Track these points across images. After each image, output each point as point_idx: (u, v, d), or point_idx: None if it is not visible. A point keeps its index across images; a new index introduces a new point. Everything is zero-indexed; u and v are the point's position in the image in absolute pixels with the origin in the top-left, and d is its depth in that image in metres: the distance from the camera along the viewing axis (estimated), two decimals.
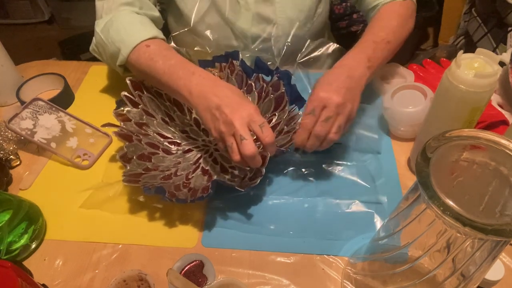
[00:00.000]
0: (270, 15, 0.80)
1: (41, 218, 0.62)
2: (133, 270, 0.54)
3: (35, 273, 0.57)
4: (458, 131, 0.39)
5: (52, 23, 2.36)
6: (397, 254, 0.43)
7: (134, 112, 0.69)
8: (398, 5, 0.74)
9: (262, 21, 0.81)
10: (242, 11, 0.80)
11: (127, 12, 0.70)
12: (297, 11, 0.81)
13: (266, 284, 0.56)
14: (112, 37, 0.68)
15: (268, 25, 0.82)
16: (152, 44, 0.66)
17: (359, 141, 0.71)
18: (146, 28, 0.68)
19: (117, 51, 0.67)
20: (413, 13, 0.76)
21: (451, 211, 0.33)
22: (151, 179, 0.62)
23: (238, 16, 0.80)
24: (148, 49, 0.65)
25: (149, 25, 0.70)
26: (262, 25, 0.82)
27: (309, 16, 0.83)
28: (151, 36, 0.67)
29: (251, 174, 0.62)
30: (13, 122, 0.70)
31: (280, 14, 0.81)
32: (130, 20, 0.69)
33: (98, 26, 0.70)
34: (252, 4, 0.80)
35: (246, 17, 0.80)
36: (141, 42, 0.66)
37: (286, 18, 0.81)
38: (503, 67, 0.77)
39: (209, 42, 0.82)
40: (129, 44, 0.66)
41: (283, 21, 0.81)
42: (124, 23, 0.68)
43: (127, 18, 0.69)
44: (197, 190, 0.61)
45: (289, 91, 0.69)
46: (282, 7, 0.80)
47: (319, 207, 0.64)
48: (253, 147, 0.54)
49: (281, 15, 0.81)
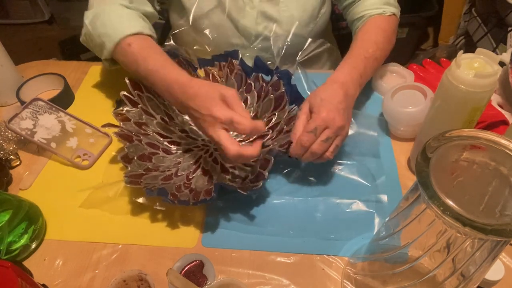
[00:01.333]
0: (274, 14, 0.81)
1: (41, 218, 0.62)
2: (133, 270, 0.54)
3: (35, 273, 0.57)
4: (458, 131, 0.39)
5: (52, 23, 2.36)
6: (397, 254, 0.43)
7: (133, 112, 0.69)
8: (383, 20, 0.74)
9: (266, 19, 0.81)
10: (247, 10, 0.80)
11: (117, 5, 0.70)
12: (301, 10, 0.81)
13: (266, 284, 0.56)
14: (99, 30, 0.68)
15: (272, 24, 0.82)
16: (135, 42, 0.66)
17: (359, 140, 0.71)
18: (131, 23, 0.68)
19: (102, 44, 0.68)
20: (396, 30, 0.77)
21: (451, 211, 0.33)
22: (152, 180, 0.62)
23: (243, 14, 0.80)
24: (129, 48, 0.65)
25: (136, 20, 0.69)
26: (266, 23, 0.82)
27: (312, 16, 0.83)
28: (135, 32, 0.66)
29: (252, 175, 0.62)
30: (13, 122, 0.70)
31: (284, 13, 0.81)
32: (117, 14, 0.69)
33: (87, 17, 0.71)
34: (257, 3, 0.80)
35: (250, 16, 0.81)
36: (125, 37, 0.66)
37: (290, 17, 0.81)
38: (503, 67, 0.77)
39: (208, 41, 0.82)
40: (113, 38, 0.66)
41: (287, 19, 0.81)
42: (111, 16, 0.68)
43: (115, 12, 0.69)
44: (199, 192, 0.61)
45: (289, 91, 0.69)
46: (287, 6, 0.80)
47: (319, 207, 0.64)
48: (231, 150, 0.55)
49: (285, 14, 0.81)
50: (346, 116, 0.61)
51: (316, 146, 0.59)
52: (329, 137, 0.59)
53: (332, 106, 0.59)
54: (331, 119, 0.59)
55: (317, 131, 0.59)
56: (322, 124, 0.59)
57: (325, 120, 0.59)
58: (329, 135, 0.59)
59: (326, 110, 0.59)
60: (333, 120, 0.59)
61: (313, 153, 0.59)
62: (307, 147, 0.59)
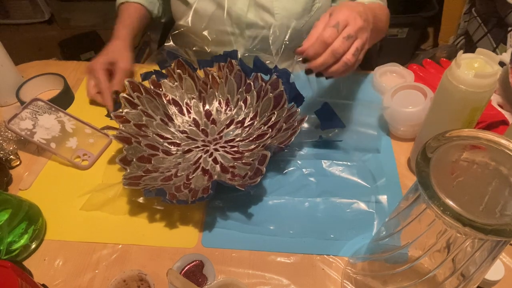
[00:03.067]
0: (266, 3, 0.81)
1: (41, 218, 0.62)
2: (133, 270, 0.54)
3: (35, 273, 0.57)
4: (458, 131, 0.39)
5: (52, 23, 2.36)
6: (397, 254, 0.43)
7: (133, 114, 0.69)
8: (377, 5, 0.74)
9: (259, 8, 0.82)
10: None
11: None
12: (293, 2, 0.81)
13: (266, 284, 0.56)
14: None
15: (265, 13, 0.82)
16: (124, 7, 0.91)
17: (359, 139, 0.71)
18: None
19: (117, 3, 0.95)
20: (388, 20, 0.76)
21: (451, 211, 0.33)
22: (152, 181, 0.62)
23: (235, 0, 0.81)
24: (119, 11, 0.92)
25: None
26: (258, 12, 0.82)
27: (306, 9, 0.83)
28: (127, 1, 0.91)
29: (251, 173, 0.62)
30: (12, 122, 0.70)
31: (277, 4, 0.81)
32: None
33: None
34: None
35: (243, 2, 0.81)
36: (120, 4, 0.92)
37: (283, 8, 0.81)
38: (503, 67, 0.77)
39: (207, 41, 0.82)
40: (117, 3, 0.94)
41: (280, 10, 0.81)
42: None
43: None
44: (197, 190, 0.61)
45: (288, 89, 0.69)
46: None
47: (319, 207, 0.64)
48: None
49: (277, 4, 0.81)
50: (366, 25, 0.58)
51: (338, 43, 0.55)
52: (350, 35, 0.55)
53: (353, 8, 0.58)
54: (353, 17, 0.56)
55: (339, 26, 0.55)
56: (344, 20, 0.55)
57: (347, 16, 0.56)
58: (351, 32, 0.55)
59: (348, 9, 0.57)
60: (355, 18, 0.56)
61: (334, 51, 0.55)
62: (330, 43, 0.55)
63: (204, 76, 0.77)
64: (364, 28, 0.57)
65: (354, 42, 0.56)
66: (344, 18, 0.56)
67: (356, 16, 0.56)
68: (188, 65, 0.75)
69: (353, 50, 0.56)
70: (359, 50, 0.57)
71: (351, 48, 0.56)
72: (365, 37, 0.58)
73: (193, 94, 0.77)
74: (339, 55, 0.55)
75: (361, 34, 0.57)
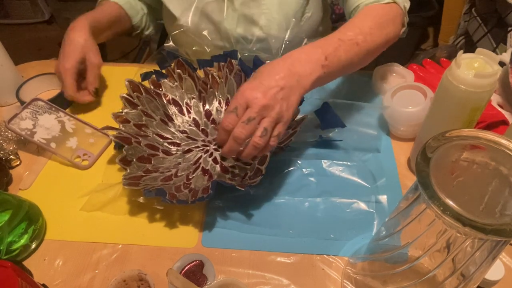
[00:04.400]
0: (255, 17, 0.80)
1: (41, 218, 0.62)
2: (133, 270, 0.54)
3: (35, 273, 0.57)
4: (458, 131, 0.39)
5: (52, 23, 2.36)
6: (397, 254, 0.43)
7: (133, 114, 0.69)
8: (379, 7, 0.68)
9: (248, 22, 0.81)
10: (229, 12, 0.80)
11: None
12: (282, 13, 0.81)
13: (266, 284, 0.56)
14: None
15: (254, 27, 0.82)
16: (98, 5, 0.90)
17: (359, 139, 0.71)
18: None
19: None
20: (396, 18, 0.70)
21: (451, 211, 0.33)
22: (152, 181, 0.62)
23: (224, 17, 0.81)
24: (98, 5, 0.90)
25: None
26: (247, 26, 0.82)
27: (296, 19, 0.82)
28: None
29: (251, 173, 0.62)
30: (12, 122, 0.70)
31: (266, 16, 0.80)
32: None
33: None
34: (238, 5, 0.80)
35: (232, 18, 0.81)
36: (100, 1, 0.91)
37: (272, 20, 0.81)
38: (503, 67, 0.77)
39: (207, 41, 0.82)
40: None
41: (269, 23, 0.81)
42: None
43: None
44: (197, 190, 0.61)
45: None
46: (268, 9, 0.80)
47: (319, 207, 0.64)
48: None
49: (267, 17, 0.80)
50: (280, 96, 0.53)
51: (237, 129, 0.52)
52: (250, 117, 0.52)
53: (259, 83, 0.53)
54: (253, 97, 0.52)
55: (238, 111, 0.52)
56: (242, 103, 0.52)
57: (246, 98, 0.52)
58: (251, 115, 0.52)
59: (249, 88, 0.53)
60: (255, 98, 0.52)
61: (235, 138, 0.52)
62: (230, 129, 0.53)
63: (204, 76, 0.77)
64: (270, 105, 0.52)
65: (261, 122, 0.53)
66: (243, 101, 0.52)
67: (257, 95, 0.52)
68: (188, 65, 0.75)
69: (259, 132, 0.52)
70: (269, 129, 0.53)
71: (257, 131, 0.53)
72: (274, 113, 0.53)
73: (193, 94, 0.77)
74: (242, 141, 0.53)
75: (268, 112, 0.52)
